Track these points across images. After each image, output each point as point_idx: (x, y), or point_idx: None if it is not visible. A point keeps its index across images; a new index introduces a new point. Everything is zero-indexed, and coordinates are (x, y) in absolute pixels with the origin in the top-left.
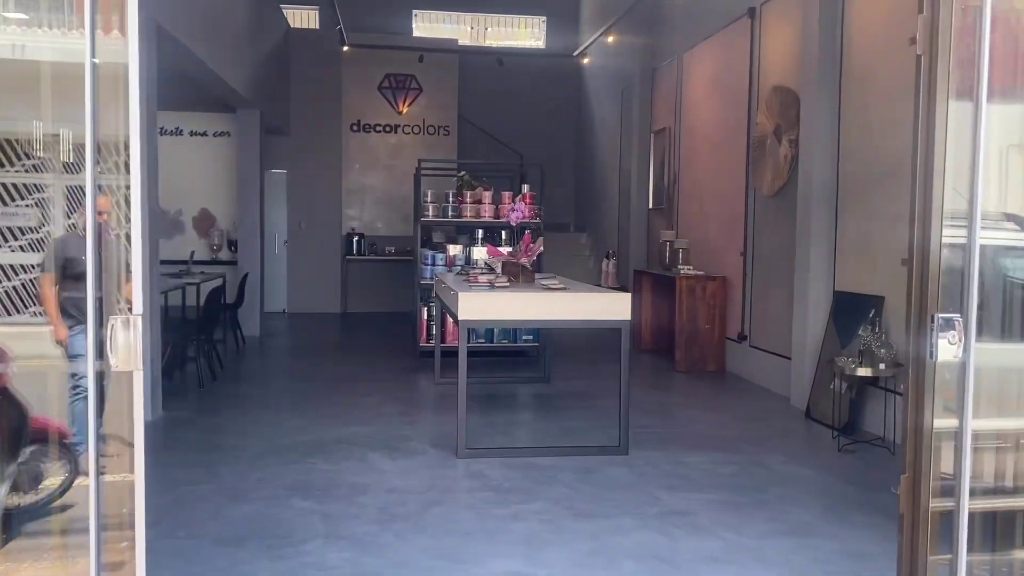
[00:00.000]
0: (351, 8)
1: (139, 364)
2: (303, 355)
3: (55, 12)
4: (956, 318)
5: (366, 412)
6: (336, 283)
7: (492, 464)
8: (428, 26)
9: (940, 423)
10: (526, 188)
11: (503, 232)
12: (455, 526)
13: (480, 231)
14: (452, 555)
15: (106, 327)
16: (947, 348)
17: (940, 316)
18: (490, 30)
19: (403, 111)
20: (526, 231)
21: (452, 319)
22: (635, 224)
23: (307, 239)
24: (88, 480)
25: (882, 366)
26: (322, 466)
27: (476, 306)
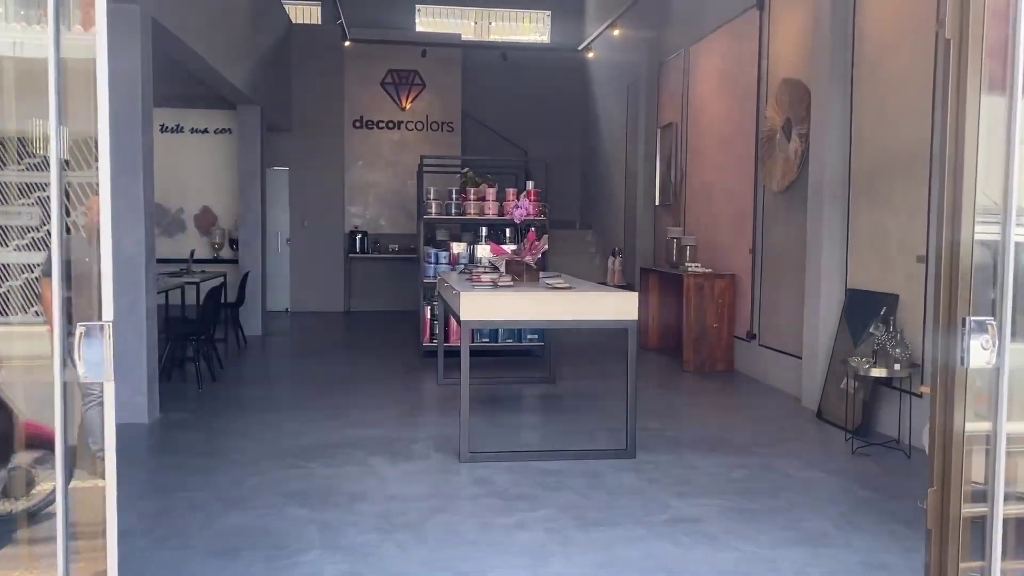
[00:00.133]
0: (353, 3)
1: (110, 374)
2: (305, 355)
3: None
4: (989, 321)
5: (368, 414)
6: (339, 282)
7: (496, 468)
8: (431, 20)
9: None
10: (531, 185)
11: (507, 230)
12: (458, 536)
13: (484, 229)
14: (454, 567)
15: (74, 334)
16: (980, 353)
17: (972, 319)
18: (494, 24)
19: (406, 107)
20: (530, 228)
21: (455, 319)
22: (642, 221)
23: (310, 237)
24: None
25: (897, 366)
26: (321, 471)
27: (479, 306)
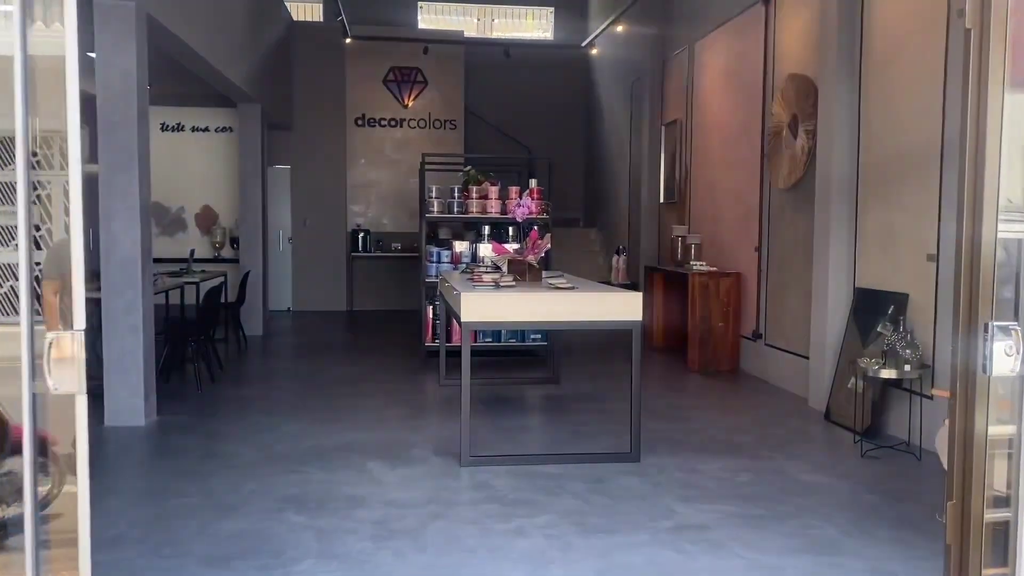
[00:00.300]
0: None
1: (81, 387)
2: (306, 355)
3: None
4: (1013, 326)
5: (368, 416)
6: (341, 281)
7: (497, 473)
8: (433, 18)
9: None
10: (533, 183)
11: (510, 228)
12: (456, 543)
13: (486, 227)
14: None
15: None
16: (1003, 360)
17: (995, 324)
18: (497, 21)
19: (409, 105)
20: (533, 227)
21: (455, 320)
22: (646, 219)
23: (312, 236)
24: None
25: (907, 367)
26: (319, 476)
27: (480, 307)
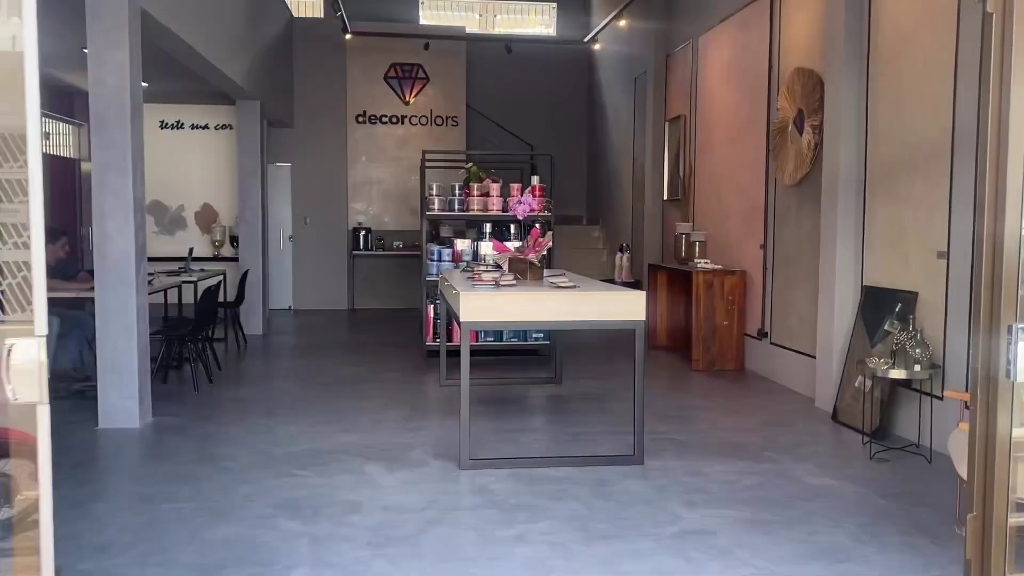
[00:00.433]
0: None
1: (43, 396)
2: (306, 355)
3: None
4: None
5: (366, 417)
6: (343, 279)
7: (498, 476)
8: (435, 13)
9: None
10: (535, 180)
11: (512, 226)
12: (454, 551)
13: (488, 225)
14: None
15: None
16: None
17: (1019, 327)
18: (499, 17)
19: (410, 101)
20: (534, 225)
21: (455, 320)
22: (650, 216)
23: (313, 234)
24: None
25: (917, 367)
26: (315, 480)
27: (479, 307)
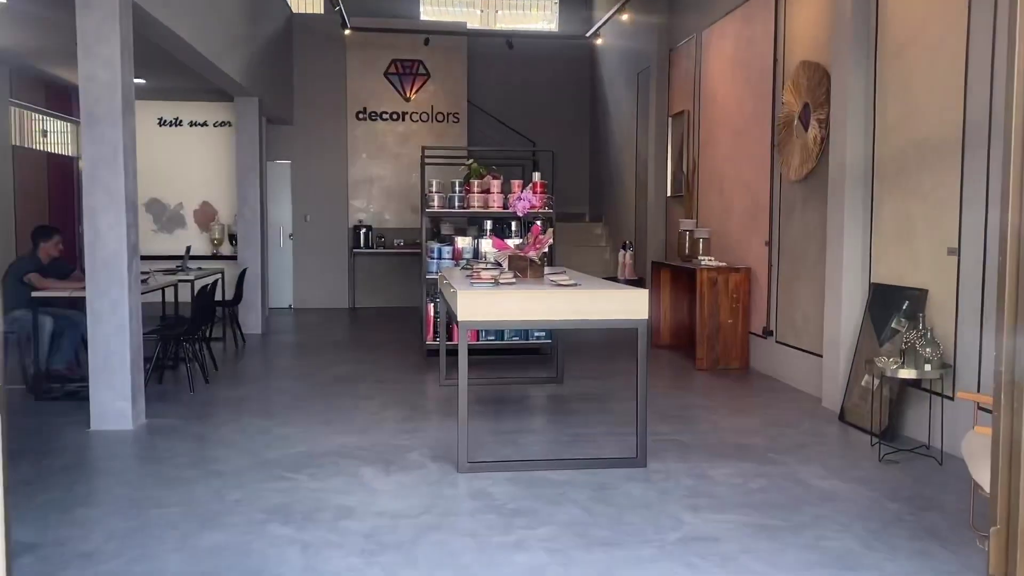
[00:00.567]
0: None
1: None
2: (305, 354)
3: None
4: None
5: (364, 418)
6: (343, 277)
7: (497, 480)
8: (436, 9)
9: None
10: (537, 176)
11: (513, 223)
12: (450, 558)
13: (488, 222)
14: None
15: None
16: None
17: None
18: (500, 12)
19: (411, 97)
20: (535, 222)
21: (453, 319)
22: (653, 213)
23: (313, 232)
24: None
25: (928, 367)
26: (309, 484)
27: (477, 306)
